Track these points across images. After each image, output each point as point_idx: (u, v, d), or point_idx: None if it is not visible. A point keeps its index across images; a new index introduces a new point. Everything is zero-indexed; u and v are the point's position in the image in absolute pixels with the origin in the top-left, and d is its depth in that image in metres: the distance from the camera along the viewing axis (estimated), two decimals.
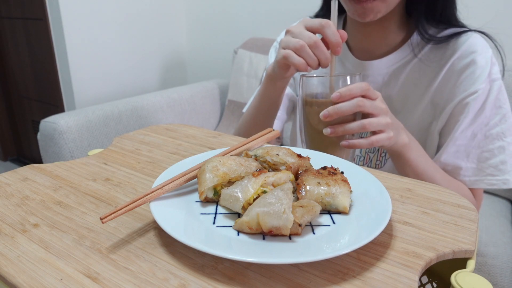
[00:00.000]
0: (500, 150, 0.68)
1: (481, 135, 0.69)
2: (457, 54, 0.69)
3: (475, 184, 0.70)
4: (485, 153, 0.69)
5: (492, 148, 0.68)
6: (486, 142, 0.69)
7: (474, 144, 0.69)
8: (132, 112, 1.50)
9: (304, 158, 0.48)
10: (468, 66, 0.68)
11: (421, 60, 0.73)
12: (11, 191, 0.48)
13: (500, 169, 0.68)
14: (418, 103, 0.74)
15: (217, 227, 0.38)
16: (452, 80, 0.70)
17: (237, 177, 0.43)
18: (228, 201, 0.40)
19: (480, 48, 0.68)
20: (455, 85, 0.69)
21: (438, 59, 0.72)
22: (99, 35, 1.83)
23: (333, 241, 0.36)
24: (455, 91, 0.69)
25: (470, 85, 0.67)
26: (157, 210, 0.38)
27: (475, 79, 0.67)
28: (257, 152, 0.49)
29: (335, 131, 0.57)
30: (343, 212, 0.41)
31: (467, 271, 0.35)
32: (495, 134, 0.68)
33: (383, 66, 0.76)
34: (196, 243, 0.33)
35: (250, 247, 0.35)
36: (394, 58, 0.75)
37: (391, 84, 0.76)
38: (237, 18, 1.98)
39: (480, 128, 0.69)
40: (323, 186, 0.42)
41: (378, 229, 0.35)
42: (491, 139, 0.69)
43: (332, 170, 0.45)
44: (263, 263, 0.33)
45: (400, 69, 0.75)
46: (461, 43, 0.69)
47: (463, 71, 0.68)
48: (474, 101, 0.67)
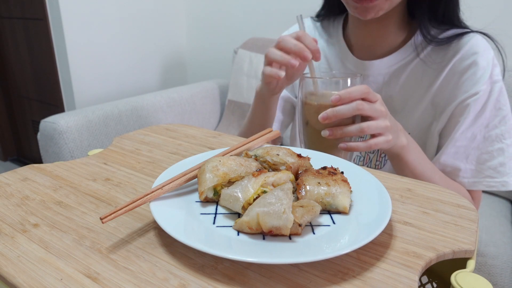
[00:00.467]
0: (499, 152, 0.68)
1: (481, 137, 0.69)
2: (458, 55, 0.69)
3: (474, 186, 0.70)
4: (484, 155, 0.69)
5: (491, 150, 0.68)
6: (485, 144, 0.69)
7: (473, 145, 0.69)
8: (132, 112, 1.49)
9: (304, 158, 0.48)
10: (470, 67, 0.68)
11: (423, 60, 0.72)
12: (11, 191, 0.48)
13: (499, 171, 0.68)
14: (418, 104, 0.74)
15: (217, 227, 0.38)
16: (453, 81, 0.70)
17: (237, 177, 0.43)
18: (228, 201, 0.40)
19: (481, 50, 0.68)
20: (456, 86, 0.69)
21: (440, 59, 0.71)
22: (99, 35, 1.83)
23: (333, 241, 0.36)
24: (456, 92, 0.69)
25: (471, 86, 0.67)
26: (157, 210, 0.38)
27: (476, 80, 0.67)
28: (257, 152, 0.49)
29: (334, 133, 0.57)
30: (343, 212, 0.41)
31: (467, 271, 0.35)
32: (494, 136, 0.68)
33: (384, 66, 0.75)
34: (196, 243, 0.33)
35: (250, 247, 0.35)
36: (396, 58, 0.74)
37: (391, 84, 0.76)
38: (237, 18, 1.98)
39: (480, 130, 0.69)
40: (323, 186, 0.42)
41: (378, 229, 0.35)
42: (490, 141, 0.68)
43: (332, 170, 0.45)
44: (263, 263, 0.33)
45: (401, 69, 0.74)
46: (463, 44, 0.69)
47: (464, 72, 0.68)
48: (474, 103, 0.67)
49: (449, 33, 0.71)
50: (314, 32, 0.87)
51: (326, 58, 0.84)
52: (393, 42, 0.75)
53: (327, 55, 0.84)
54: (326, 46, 0.84)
